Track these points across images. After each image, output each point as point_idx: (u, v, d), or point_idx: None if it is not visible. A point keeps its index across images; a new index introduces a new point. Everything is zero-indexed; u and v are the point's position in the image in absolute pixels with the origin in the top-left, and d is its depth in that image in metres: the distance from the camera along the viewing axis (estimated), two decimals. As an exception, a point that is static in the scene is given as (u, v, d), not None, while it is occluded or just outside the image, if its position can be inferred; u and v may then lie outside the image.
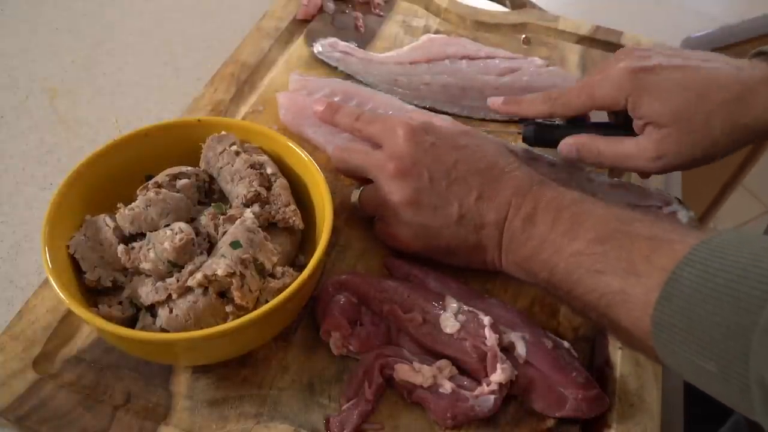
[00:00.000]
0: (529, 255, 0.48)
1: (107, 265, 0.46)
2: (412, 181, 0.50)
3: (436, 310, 0.49)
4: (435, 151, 0.51)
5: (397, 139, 0.52)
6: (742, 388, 0.33)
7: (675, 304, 0.37)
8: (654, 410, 0.48)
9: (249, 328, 0.42)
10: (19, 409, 0.44)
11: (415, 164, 0.51)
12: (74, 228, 0.47)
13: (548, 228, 0.46)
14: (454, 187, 0.50)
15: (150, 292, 0.44)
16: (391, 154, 0.52)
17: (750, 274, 0.34)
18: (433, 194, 0.50)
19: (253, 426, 0.45)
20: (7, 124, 0.65)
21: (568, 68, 0.77)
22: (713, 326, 0.35)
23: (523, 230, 0.48)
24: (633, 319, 0.40)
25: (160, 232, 0.45)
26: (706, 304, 0.35)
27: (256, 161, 0.50)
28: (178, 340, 0.42)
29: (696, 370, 0.36)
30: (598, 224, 0.44)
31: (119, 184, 0.50)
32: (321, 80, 0.68)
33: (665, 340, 0.38)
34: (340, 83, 0.68)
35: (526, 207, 0.48)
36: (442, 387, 0.46)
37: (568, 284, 0.45)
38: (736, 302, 0.34)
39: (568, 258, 0.44)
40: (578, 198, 0.48)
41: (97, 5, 0.80)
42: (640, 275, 0.40)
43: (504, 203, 0.49)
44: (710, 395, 0.37)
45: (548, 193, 0.48)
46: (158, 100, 0.70)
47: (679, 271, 0.37)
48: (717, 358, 0.35)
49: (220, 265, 0.42)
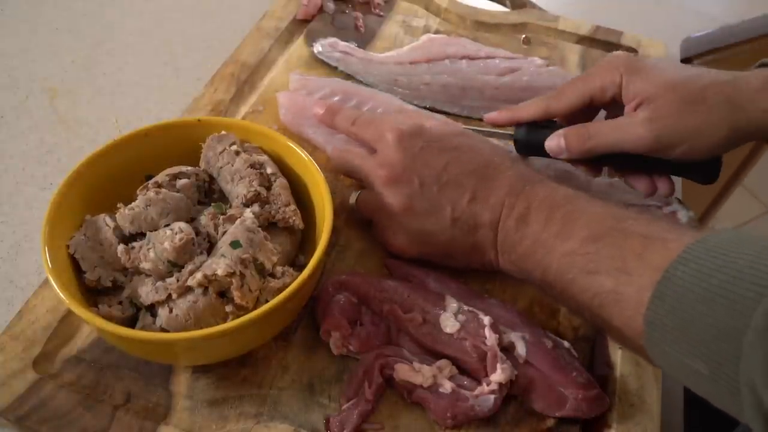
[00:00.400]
0: (523, 255, 0.47)
1: (107, 265, 0.46)
2: (404, 187, 0.50)
3: (436, 310, 0.49)
4: (425, 155, 0.51)
5: (387, 145, 0.52)
6: (732, 390, 0.33)
7: (668, 304, 0.36)
8: (654, 410, 0.48)
9: (249, 327, 0.42)
10: (19, 409, 0.44)
11: (405, 170, 0.51)
12: (74, 228, 0.47)
13: (541, 227, 0.46)
14: (446, 191, 0.50)
15: (150, 292, 0.44)
16: (383, 161, 0.52)
17: (745, 276, 0.33)
18: (426, 199, 0.50)
19: (253, 426, 0.45)
20: (7, 124, 0.65)
21: (568, 68, 0.77)
22: (705, 327, 0.34)
23: (517, 230, 0.47)
24: (625, 318, 0.40)
25: (160, 232, 0.45)
26: (699, 304, 0.34)
27: (256, 161, 0.50)
28: (177, 339, 0.42)
29: (686, 370, 0.36)
30: (592, 222, 0.44)
31: (119, 184, 0.50)
32: (321, 80, 0.68)
33: (657, 340, 0.37)
34: (339, 83, 0.68)
35: (519, 207, 0.48)
36: (442, 387, 0.46)
37: (561, 284, 0.44)
38: (730, 304, 0.33)
39: (561, 258, 0.44)
40: (572, 195, 0.47)
41: (97, 5, 0.80)
42: (632, 274, 0.39)
43: (498, 203, 0.49)
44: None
45: (541, 192, 0.48)
46: (158, 100, 0.70)
47: (672, 269, 0.37)
48: (708, 359, 0.34)
49: (220, 264, 0.42)
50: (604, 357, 0.51)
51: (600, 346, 0.51)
